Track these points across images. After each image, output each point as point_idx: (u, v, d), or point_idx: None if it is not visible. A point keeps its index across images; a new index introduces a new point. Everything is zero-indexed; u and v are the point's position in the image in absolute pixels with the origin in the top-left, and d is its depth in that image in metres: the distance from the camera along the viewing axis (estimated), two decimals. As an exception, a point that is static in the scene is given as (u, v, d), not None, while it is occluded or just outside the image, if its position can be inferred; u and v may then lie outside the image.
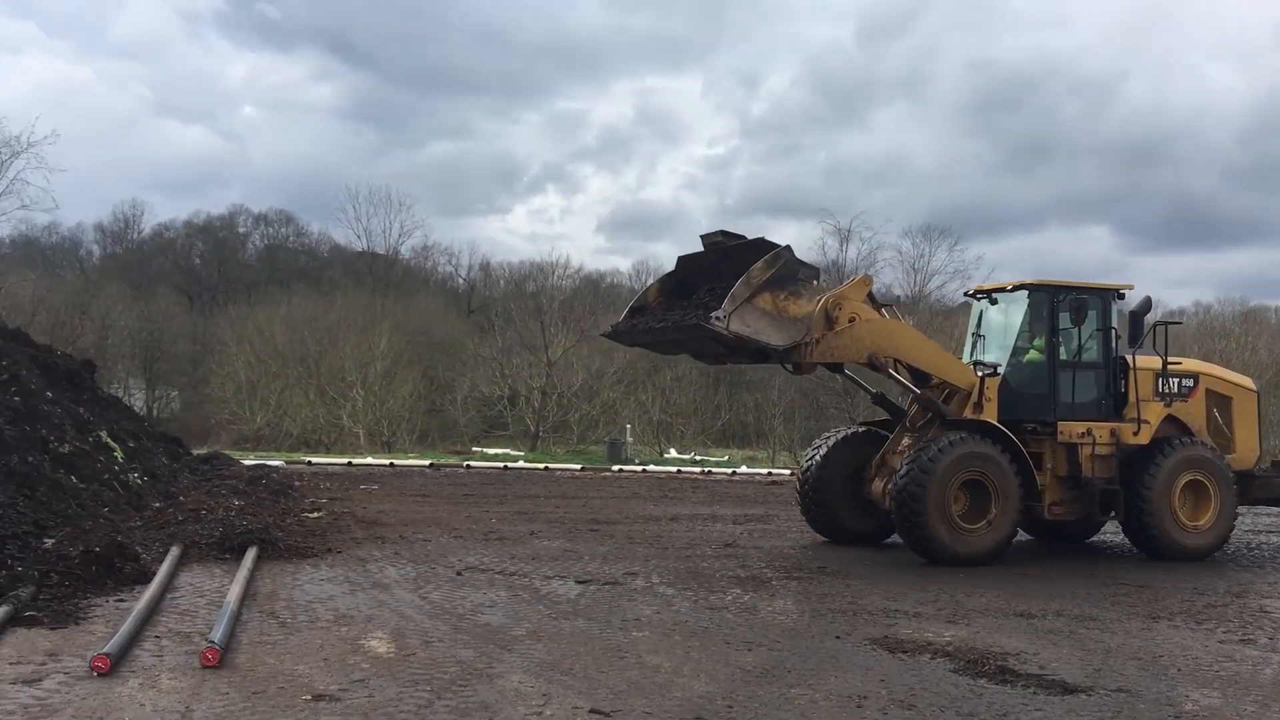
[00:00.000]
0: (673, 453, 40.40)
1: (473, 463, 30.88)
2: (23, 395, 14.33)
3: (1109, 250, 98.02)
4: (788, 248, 12.59)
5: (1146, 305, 15.21)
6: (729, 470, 31.43)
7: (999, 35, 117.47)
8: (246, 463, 23.95)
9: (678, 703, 6.86)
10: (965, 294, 16.80)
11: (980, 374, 13.97)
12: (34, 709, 6.24)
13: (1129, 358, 14.51)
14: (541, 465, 30.78)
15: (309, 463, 28.59)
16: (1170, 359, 14.64)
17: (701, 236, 13.46)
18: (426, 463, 29.88)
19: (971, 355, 15.31)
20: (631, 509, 19.34)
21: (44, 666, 7.15)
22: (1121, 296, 14.78)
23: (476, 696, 6.83)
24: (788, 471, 29.30)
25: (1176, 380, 14.78)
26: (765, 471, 31.58)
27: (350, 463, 29.01)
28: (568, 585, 11.08)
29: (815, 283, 12.92)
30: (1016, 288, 14.84)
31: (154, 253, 69.51)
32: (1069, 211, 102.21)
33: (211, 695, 6.64)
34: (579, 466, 30.61)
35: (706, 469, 32.10)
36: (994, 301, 15.07)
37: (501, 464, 30.63)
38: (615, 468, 30.57)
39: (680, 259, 13.77)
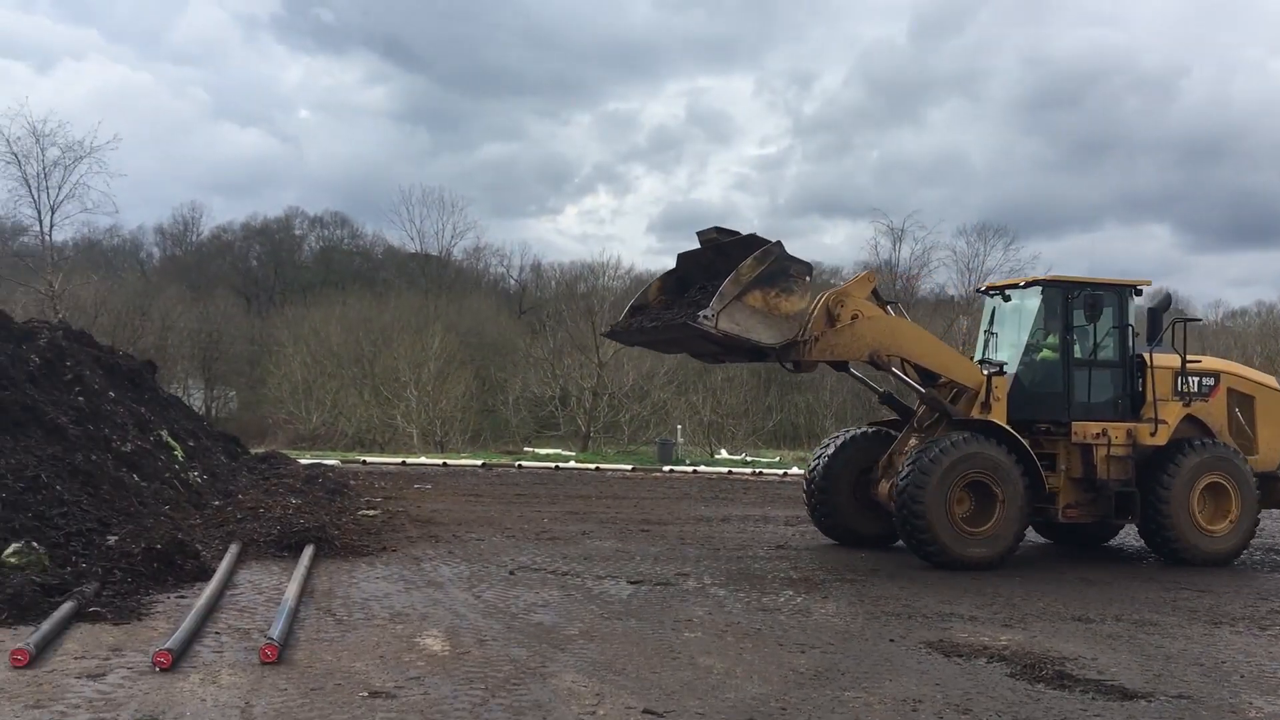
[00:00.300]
0: (724, 453, 40.31)
1: (524, 463, 31.03)
2: (87, 395, 14.63)
3: (1168, 249, 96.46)
4: (778, 244, 12.35)
5: (1166, 302, 14.85)
6: (780, 471, 31.30)
7: (1055, 31, 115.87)
8: (303, 462, 24.27)
9: (730, 704, 6.85)
10: (977, 290, 16.43)
11: (987, 372, 13.62)
12: (98, 703, 6.37)
13: (1147, 356, 14.08)
14: (592, 465, 30.86)
15: (364, 462, 28.90)
16: (1189, 357, 14.20)
17: (698, 233, 13.29)
18: (479, 462, 30.08)
19: (984, 353, 14.91)
20: (683, 510, 19.33)
21: (108, 661, 7.30)
22: (1139, 293, 14.35)
23: (530, 695, 6.87)
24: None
25: (1196, 379, 14.31)
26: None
27: (404, 462, 29.28)
28: (620, 585, 11.10)
29: (808, 279, 12.55)
30: (1029, 284, 14.45)
31: (212, 255, 70.67)
32: (1128, 209, 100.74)
33: (270, 691, 6.74)
34: (630, 467, 30.65)
35: (758, 470, 32.00)
36: (1007, 298, 14.62)
37: (553, 464, 30.75)
38: (666, 468, 30.57)
39: (680, 256, 13.60)
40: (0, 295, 19.41)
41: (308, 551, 11.76)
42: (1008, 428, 13.07)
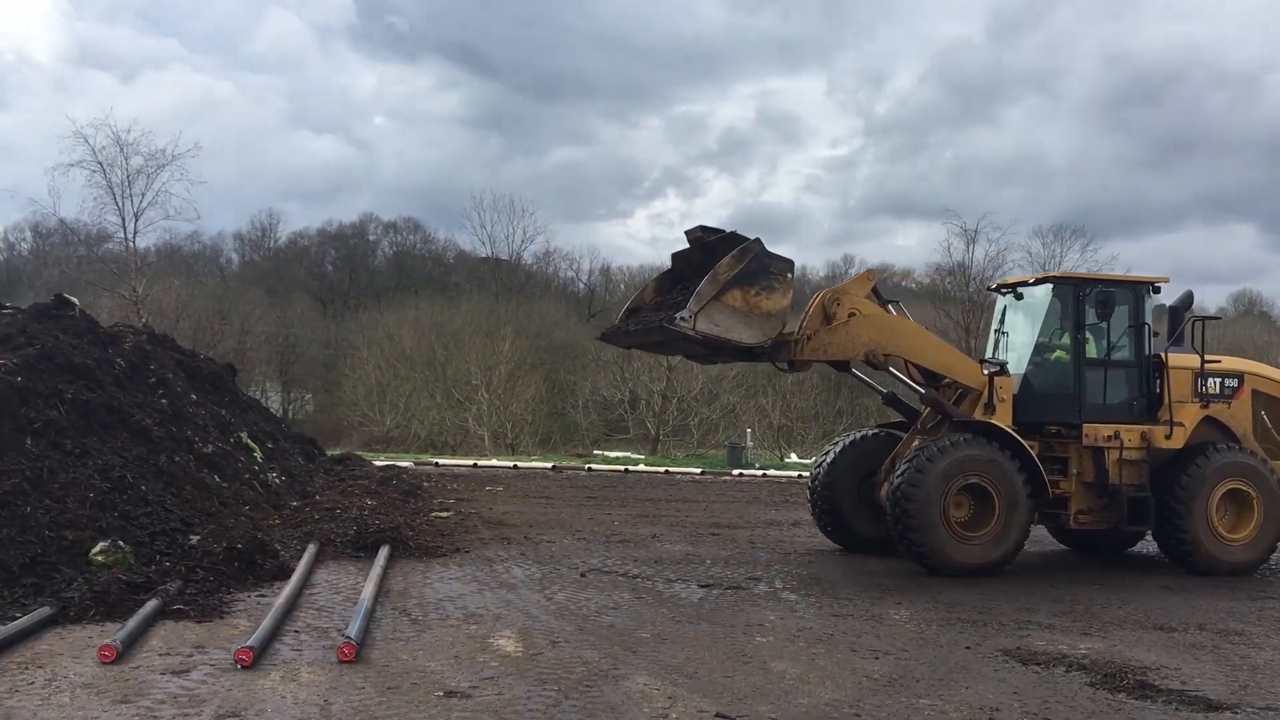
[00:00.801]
0: (793, 457, 40.04)
1: (594, 465, 31.15)
2: (170, 398, 15.01)
3: (1253, 249, 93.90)
4: (757, 240, 12.09)
5: (1188, 300, 14.37)
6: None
7: (1136, 27, 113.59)
8: (377, 464, 24.63)
9: (804, 709, 6.82)
10: (989, 288, 15.87)
11: (988, 372, 13.18)
12: (182, 699, 6.54)
13: (1165, 356, 13.52)
14: (661, 469, 30.87)
15: (436, 464, 29.24)
16: (1210, 357, 13.63)
17: (685, 232, 13.09)
18: (549, 465, 30.25)
19: (994, 353, 14.40)
20: (752, 513, 19.25)
21: (191, 658, 7.48)
22: (1157, 290, 13.79)
23: (603, 697, 6.90)
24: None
25: (1219, 380, 13.61)
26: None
27: (475, 464, 29.56)
28: (691, 589, 11.10)
29: (789, 276, 12.25)
30: (1039, 281, 13.97)
31: (289, 260, 71.97)
32: (1211, 209, 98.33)
33: (348, 689, 6.85)
34: (699, 470, 30.61)
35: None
36: (1019, 297, 14.03)
37: (622, 467, 30.81)
38: (735, 472, 30.46)
39: (674, 256, 13.38)
40: (87, 300, 19.98)
41: (383, 552, 11.94)
42: (1008, 429, 12.61)
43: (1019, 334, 14.08)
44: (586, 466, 30.63)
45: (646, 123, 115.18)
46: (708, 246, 12.61)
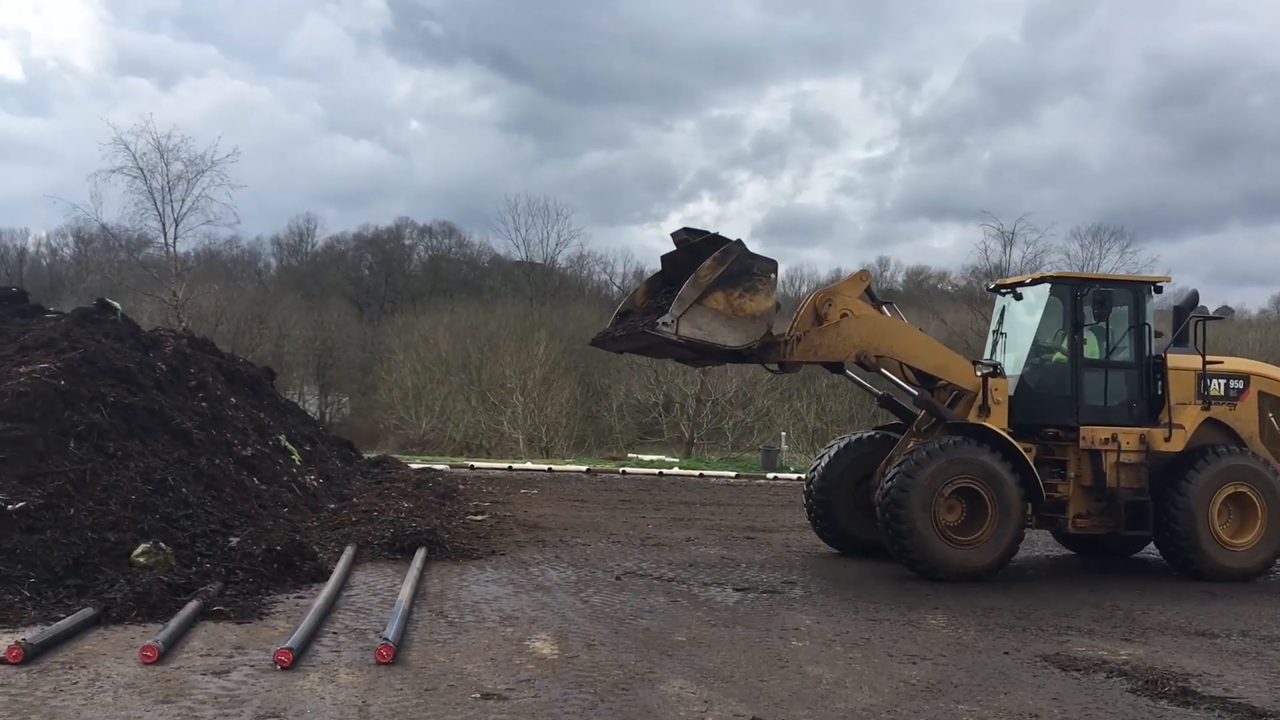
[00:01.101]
0: (829, 460, 39.83)
1: (628, 469, 31.17)
2: (210, 401, 15.17)
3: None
4: (738, 242, 11.94)
5: (1193, 300, 14.06)
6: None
7: (1177, 26, 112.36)
8: (413, 466, 24.78)
9: (840, 714, 6.80)
10: (989, 289, 15.54)
11: (980, 374, 12.96)
12: (223, 699, 6.61)
13: (1172, 357, 13.25)
14: (696, 472, 30.84)
15: (471, 467, 29.37)
16: (1212, 358, 13.33)
17: (671, 234, 12.95)
18: (583, 468, 30.31)
19: (992, 354, 14.18)
20: (787, 517, 19.18)
21: (231, 659, 7.56)
22: (1159, 290, 13.53)
23: (639, 701, 6.90)
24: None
25: (1223, 381, 13.30)
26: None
27: (510, 467, 29.67)
28: (726, 592, 11.08)
29: (772, 277, 12.07)
30: (1036, 281, 13.71)
31: (326, 264, 72.61)
32: (1254, 209, 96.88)
33: (386, 691, 6.90)
34: (733, 474, 30.54)
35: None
36: (1019, 297, 13.75)
37: (656, 470, 30.82)
38: (770, 475, 30.38)
39: (663, 258, 13.17)
40: (128, 304, 20.22)
41: (420, 554, 12.00)
42: (1000, 431, 12.41)
43: (1017, 335, 13.84)
44: (621, 470, 30.66)
45: (680, 125, 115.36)
46: (693, 248, 12.43)
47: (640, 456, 38.83)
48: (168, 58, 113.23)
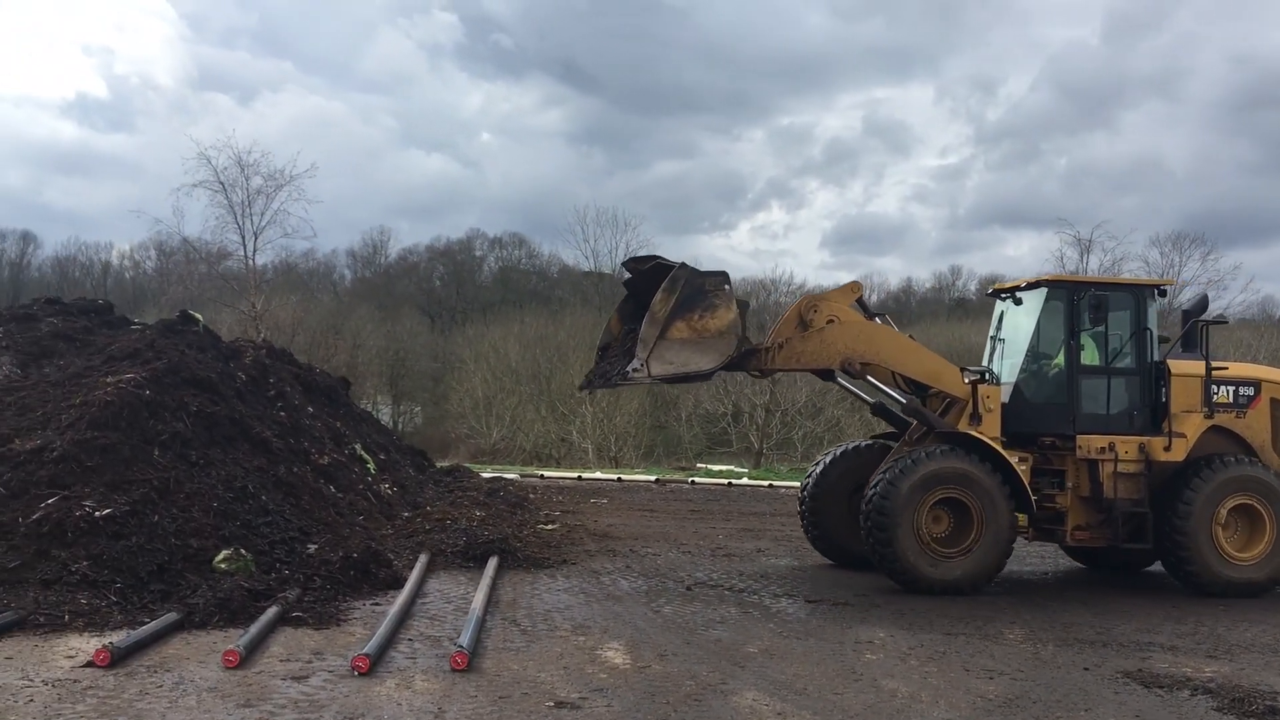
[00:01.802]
0: (900, 471, 39.38)
1: (697, 479, 31.06)
2: (288, 410, 15.47)
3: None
4: (682, 266, 11.71)
5: (1202, 305, 13.58)
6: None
7: (1263, 27, 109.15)
8: (485, 475, 24.98)
9: (916, 729, 6.71)
10: (987, 293, 15.01)
11: (968, 380, 12.53)
12: (302, 704, 6.73)
13: (1183, 364, 12.72)
14: (765, 483, 30.63)
15: (541, 476, 29.52)
16: (1217, 364, 12.77)
17: (622, 264, 12.65)
18: (652, 478, 30.29)
19: (990, 360, 13.73)
20: (860, 528, 18.98)
21: (310, 665, 7.70)
22: (1163, 294, 13.08)
23: (712, 712, 6.89)
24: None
25: (1232, 388, 12.69)
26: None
27: (580, 477, 29.76)
28: (798, 604, 11.02)
29: (727, 288, 11.80)
30: (1034, 285, 13.21)
31: (399, 276, 73.67)
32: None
33: (461, 698, 6.97)
34: (804, 484, 30.27)
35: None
36: (1018, 302, 13.25)
37: (725, 480, 30.68)
38: (841, 486, 30.06)
39: (625, 283, 13.00)
40: (208, 316, 20.75)
41: (492, 563, 12.11)
42: (987, 439, 12.04)
43: (1014, 341, 13.39)
44: (690, 480, 30.57)
45: (749, 135, 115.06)
46: (646, 275, 12.27)
47: (709, 467, 38.74)
48: (246, 73, 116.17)
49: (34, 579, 9.08)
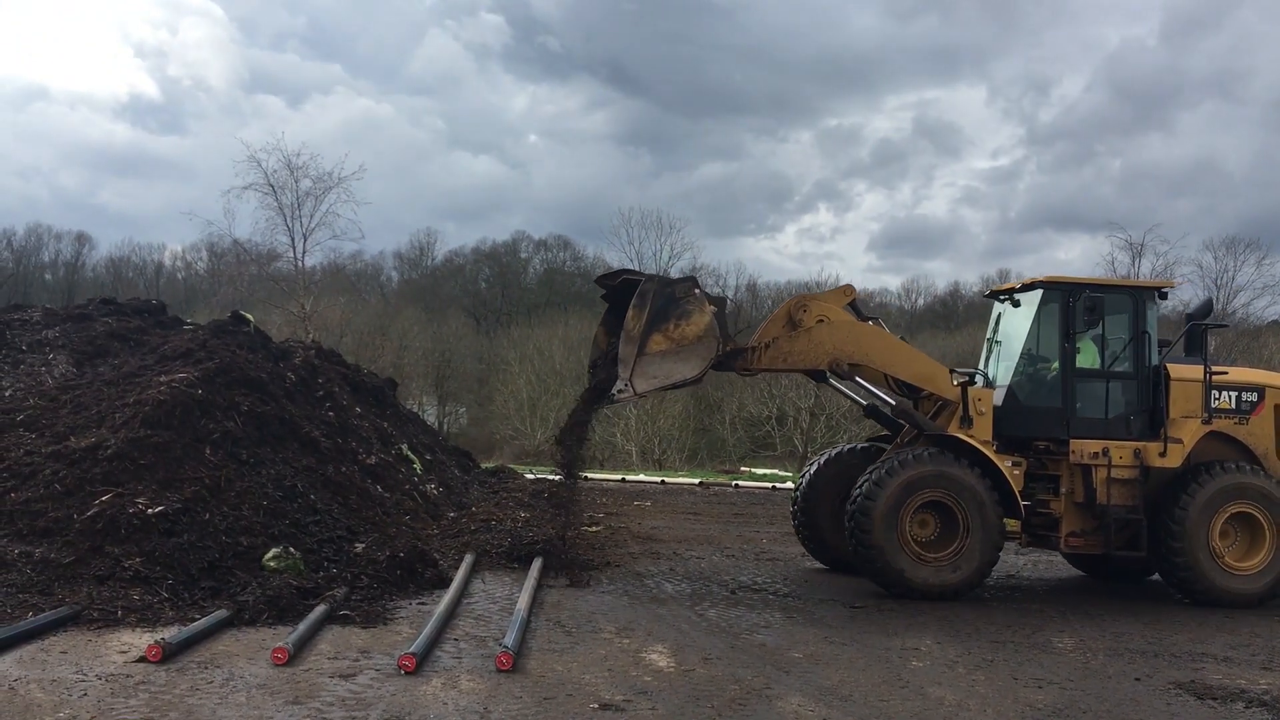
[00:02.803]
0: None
1: (741, 482, 30.99)
2: (336, 411, 15.62)
3: None
4: (649, 278, 11.65)
5: (1207, 308, 13.30)
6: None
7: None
8: (529, 477, 25.08)
9: (964, 737, 6.64)
10: (985, 295, 14.63)
11: (957, 383, 12.29)
12: (350, 702, 6.79)
13: (1186, 369, 12.40)
14: (811, 486, 30.48)
15: (585, 478, 29.56)
16: (1217, 368, 12.44)
17: (595, 280, 12.71)
18: (696, 481, 30.26)
19: (986, 363, 13.45)
20: (906, 534, 18.85)
21: (357, 663, 7.76)
22: (1164, 296, 12.73)
23: (756, 717, 6.87)
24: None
25: (1235, 394, 12.37)
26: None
27: (624, 479, 29.80)
28: (842, 609, 10.95)
29: (697, 292, 11.69)
30: (1028, 286, 12.91)
31: (445, 278, 74.27)
32: None
33: (506, 699, 7.00)
34: (849, 488, 30.09)
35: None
36: (1016, 304, 12.99)
37: (769, 484, 30.57)
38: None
39: (603, 297, 12.92)
40: (259, 316, 21.01)
41: (537, 563, 12.14)
42: (975, 443, 11.81)
43: (1010, 343, 13.12)
44: (734, 483, 30.50)
45: (796, 136, 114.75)
46: (620, 289, 12.22)
47: (753, 470, 38.61)
48: (296, 76, 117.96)
49: (88, 575, 9.23)
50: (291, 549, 10.55)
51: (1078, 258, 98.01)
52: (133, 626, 8.41)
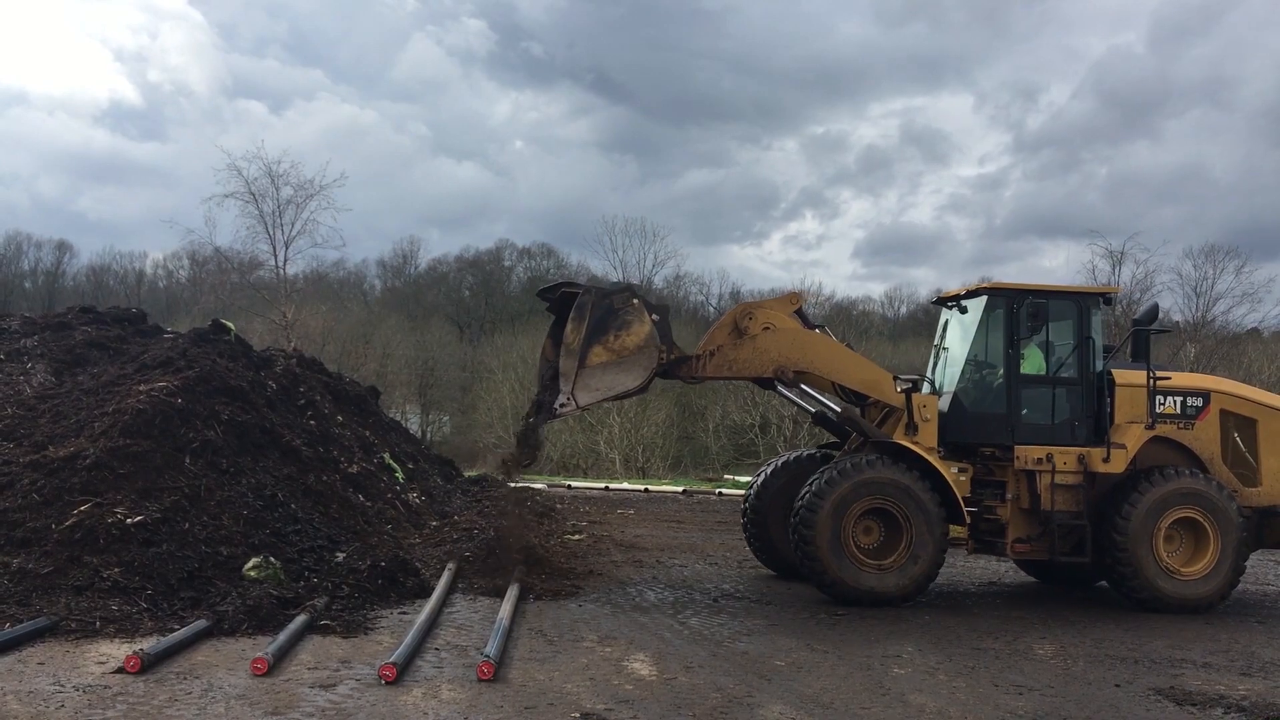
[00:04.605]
0: (929, 484, 39.13)
1: (724, 490, 31.01)
2: (318, 419, 15.57)
3: None
4: (585, 290, 11.72)
5: (1152, 314, 13.34)
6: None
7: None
8: (511, 485, 25.00)
9: (944, 744, 6.66)
10: (932, 302, 14.72)
11: (901, 390, 12.34)
12: (330, 712, 6.76)
13: (1115, 373, 12.47)
14: (794, 494, 30.54)
15: (569, 486, 29.58)
16: (1160, 373, 12.51)
17: (538, 294, 12.83)
18: (679, 489, 30.28)
19: (933, 370, 13.50)
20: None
21: (338, 673, 7.73)
22: (1109, 302, 12.84)
23: (738, 725, 6.86)
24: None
25: (1180, 399, 12.46)
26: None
27: (607, 487, 29.80)
28: (825, 617, 10.96)
29: (635, 301, 11.73)
30: (973, 293, 12.97)
31: (428, 286, 74.11)
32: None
33: (487, 708, 6.98)
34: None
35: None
36: (963, 310, 12.99)
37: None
38: (870, 498, 29.92)
39: (548, 309, 12.94)
40: (240, 325, 20.89)
41: (519, 572, 12.09)
42: (918, 449, 11.86)
43: (955, 349, 13.16)
44: (717, 491, 30.52)
45: (781, 144, 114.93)
46: (561, 301, 12.24)
47: (737, 478, 38.65)
48: (278, 81, 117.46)
49: (66, 585, 9.16)
50: (272, 558, 10.50)
51: (1062, 265, 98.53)
52: (111, 637, 8.34)
